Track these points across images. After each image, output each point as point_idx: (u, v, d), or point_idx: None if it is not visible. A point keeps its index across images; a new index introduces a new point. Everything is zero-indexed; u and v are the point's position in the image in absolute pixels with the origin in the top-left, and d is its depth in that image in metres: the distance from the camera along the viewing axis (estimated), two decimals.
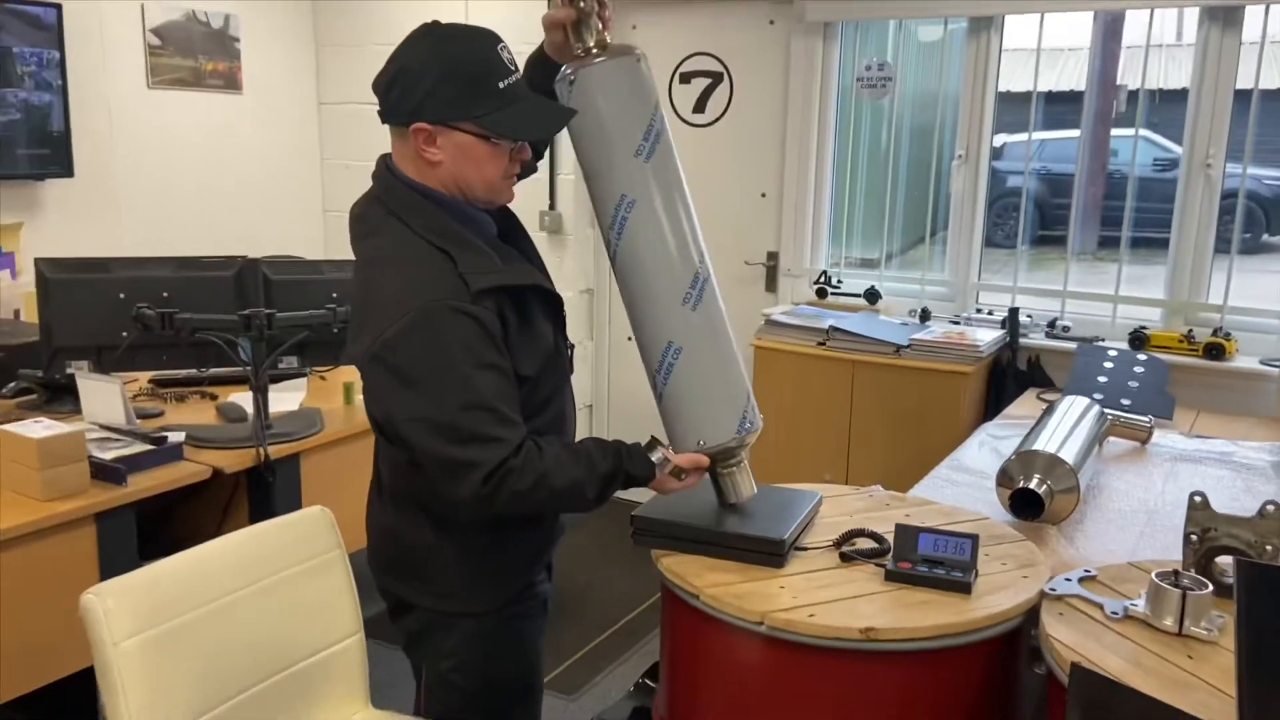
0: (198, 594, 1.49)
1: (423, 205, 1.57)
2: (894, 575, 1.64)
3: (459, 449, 1.45)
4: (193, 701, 1.44)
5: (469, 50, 1.54)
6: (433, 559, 1.64)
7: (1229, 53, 3.23)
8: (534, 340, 1.61)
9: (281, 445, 2.72)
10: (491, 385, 1.48)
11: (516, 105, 1.54)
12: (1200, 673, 1.39)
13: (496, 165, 1.57)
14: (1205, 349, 3.23)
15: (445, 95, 1.51)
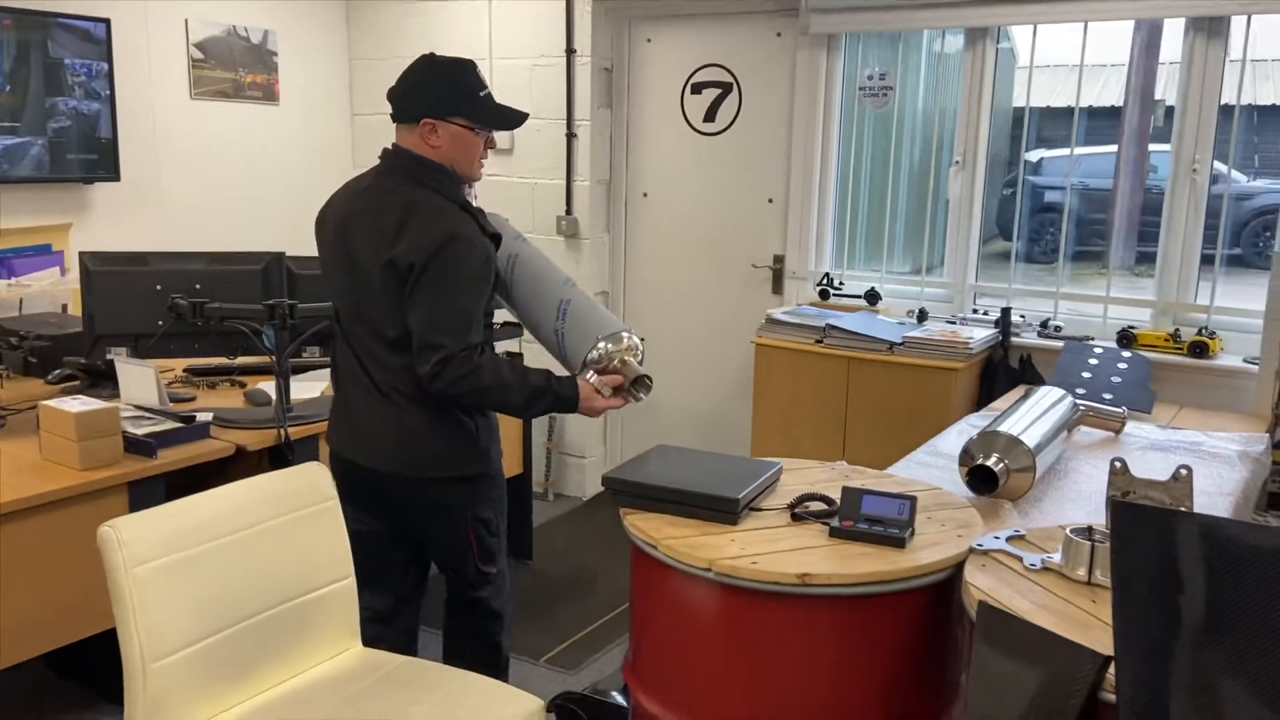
0: (205, 531, 1.69)
1: (448, 174, 2.22)
2: (837, 532, 1.79)
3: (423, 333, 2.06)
4: (197, 626, 1.63)
5: (457, 71, 2.24)
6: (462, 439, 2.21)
7: (1214, 59, 3.33)
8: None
9: (301, 426, 2.92)
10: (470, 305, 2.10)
11: (490, 107, 2.24)
12: (1100, 614, 1.52)
13: (477, 149, 2.24)
14: (1190, 347, 3.33)
15: (444, 99, 2.19)
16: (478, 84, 2.22)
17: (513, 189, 4.63)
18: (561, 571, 3.88)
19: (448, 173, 2.20)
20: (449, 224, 2.10)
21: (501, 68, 4.56)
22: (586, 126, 4.41)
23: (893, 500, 1.80)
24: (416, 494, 2.19)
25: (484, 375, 2.06)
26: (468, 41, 4.62)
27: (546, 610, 3.56)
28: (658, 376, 4.59)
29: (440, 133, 2.18)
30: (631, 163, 4.58)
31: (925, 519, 1.87)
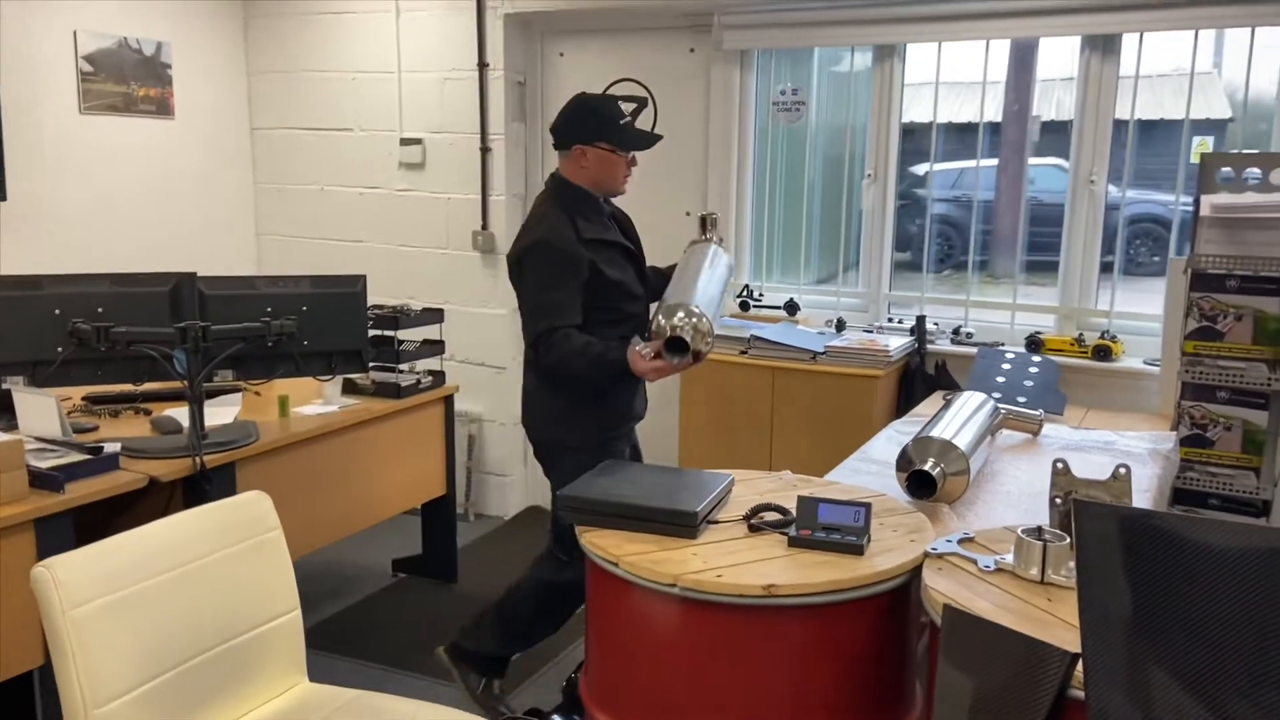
0: (145, 567, 1.59)
1: (574, 190, 2.67)
2: (796, 541, 1.80)
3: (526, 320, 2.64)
4: (139, 668, 1.53)
5: (601, 105, 2.75)
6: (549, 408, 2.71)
7: (1109, 77, 3.51)
8: (617, 270, 2.66)
9: (217, 455, 2.79)
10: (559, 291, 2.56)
11: (629, 133, 2.69)
12: (1057, 612, 1.57)
13: (618, 169, 2.68)
14: (1094, 351, 3.48)
15: (590, 130, 2.64)
16: (618, 114, 2.70)
17: (426, 204, 4.55)
18: (488, 593, 3.79)
19: (574, 189, 2.67)
20: (540, 231, 2.59)
21: (411, 81, 4.48)
22: (501, 141, 4.36)
23: (848, 508, 1.82)
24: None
25: (555, 352, 2.53)
26: (374, 54, 4.52)
27: None
28: None
29: (589, 155, 2.63)
30: (547, 177, 4.54)
31: (878, 525, 1.90)
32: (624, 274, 2.69)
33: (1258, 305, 3.01)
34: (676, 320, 2.41)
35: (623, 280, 2.68)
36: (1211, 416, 3.13)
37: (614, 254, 2.68)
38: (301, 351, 2.96)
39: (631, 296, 2.72)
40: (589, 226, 2.64)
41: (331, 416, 3.23)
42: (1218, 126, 3.94)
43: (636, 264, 2.77)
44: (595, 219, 2.68)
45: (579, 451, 2.62)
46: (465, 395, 4.38)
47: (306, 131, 4.77)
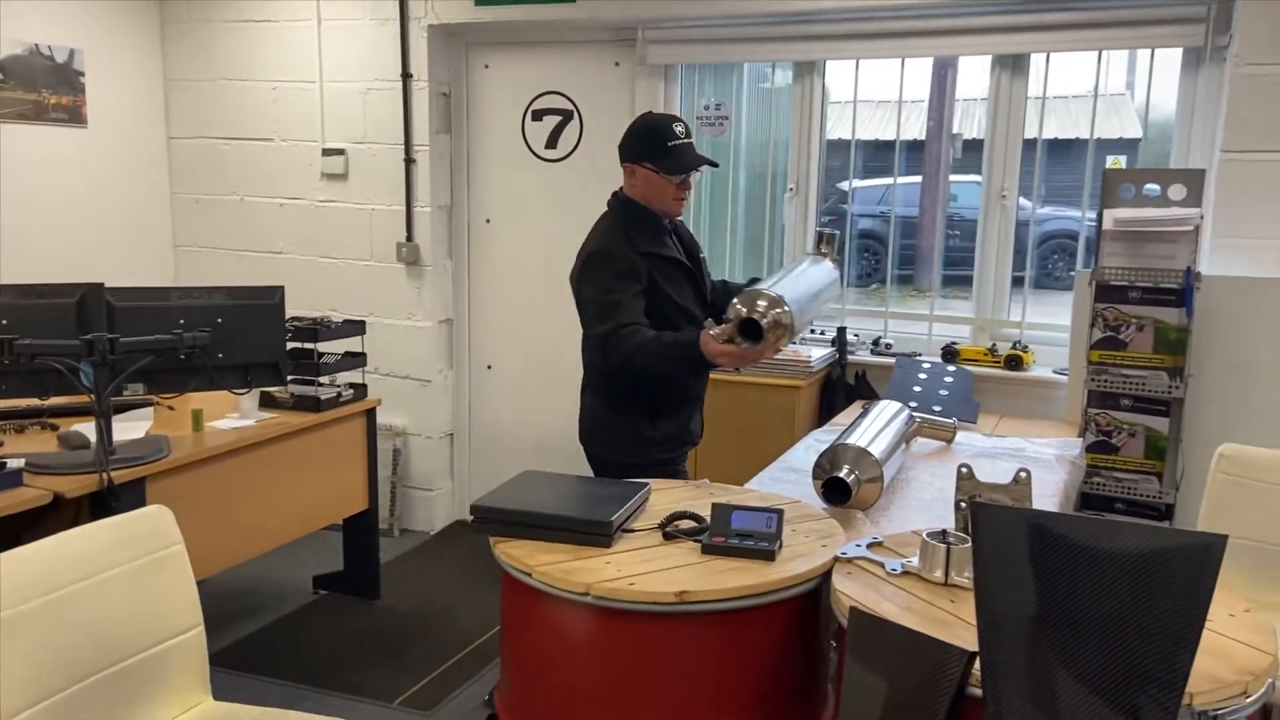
0: (40, 584, 1.54)
1: (623, 202, 2.69)
2: (709, 548, 1.82)
3: (592, 325, 2.58)
4: (35, 685, 1.48)
5: (651, 125, 2.66)
6: (610, 427, 2.71)
7: (1018, 95, 3.63)
8: (674, 287, 2.65)
9: (125, 470, 2.72)
10: (618, 294, 2.54)
11: (678, 155, 2.60)
12: (959, 613, 1.61)
13: (664, 190, 2.63)
14: (1006, 360, 3.59)
15: (639, 148, 2.63)
16: (667, 135, 2.60)
17: (349, 215, 4.50)
18: (412, 609, 3.77)
19: (631, 205, 2.66)
20: (595, 243, 2.64)
21: (333, 91, 4.43)
22: (426, 152, 4.34)
23: (761, 515, 1.84)
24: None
25: (625, 346, 2.49)
26: (295, 64, 4.47)
27: (398, 650, 3.44)
28: (506, 403, 4.55)
29: (636, 175, 2.64)
30: (474, 188, 4.53)
31: (790, 531, 1.92)
32: (681, 292, 2.67)
33: (1158, 315, 3.13)
34: (758, 305, 2.30)
35: (679, 297, 2.66)
36: (1116, 423, 3.24)
37: (672, 270, 2.66)
38: (216, 364, 2.91)
39: (688, 315, 2.69)
40: (645, 240, 2.62)
41: (247, 431, 3.17)
42: (1130, 145, 4.09)
43: (695, 284, 2.74)
44: (652, 234, 2.65)
45: (641, 470, 2.58)
46: (389, 408, 4.33)
47: (225, 141, 4.69)
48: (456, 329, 4.61)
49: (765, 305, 2.31)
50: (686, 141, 2.63)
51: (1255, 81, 3.12)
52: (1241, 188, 3.16)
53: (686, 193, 2.67)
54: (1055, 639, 1.35)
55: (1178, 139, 3.44)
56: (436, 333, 4.51)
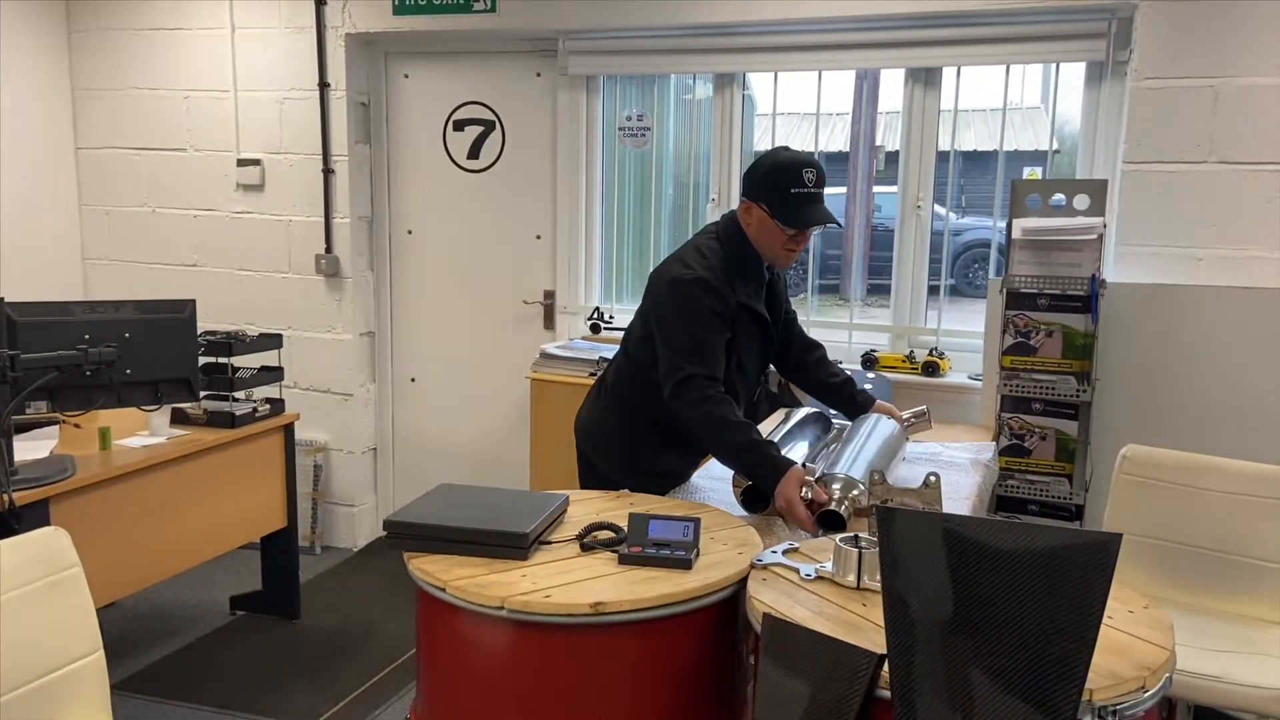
0: None
1: (736, 232, 2.49)
2: (626, 559, 1.82)
3: (671, 356, 2.36)
4: None
5: (783, 166, 2.41)
6: (614, 438, 2.64)
7: (931, 107, 3.72)
8: (744, 341, 2.50)
9: (28, 491, 2.63)
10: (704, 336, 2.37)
11: (798, 206, 2.39)
12: (871, 616, 1.63)
13: (776, 238, 2.44)
14: (923, 367, 3.66)
15: (760, 186, 2.43)
16: (795, 181, 2.39)
17: (266, 226, 4.41)
18: (333, 627, 3.69)
19: (740, 240, 2.48)
20: (703, 269, 2.41)
21: (248, 100, 4.34)
22: (344, 162, 4.27)
23: (677, 523, 1.85)
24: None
25: (703, 408, 2.32)
26: (208, 73, 4.37)
27: (319, 670, 3.36)
28: (430, 416, 4.50)
29: (752, 213, 2.45)
30: (394, 199, 4.48)
31: (709, 539, 1.93)
32: (749, 353, 2.54)
33: (1066, 322, 3.23)
34: (848, 509, 2.14)
35: (746, 358, 2.53)
36: (1028, 427, 3.33)
37: (753, 330, 2.52)
38: (124, 381, 2.82)
39: (743, 373, 2.55)
40: (745, 288, 2.47)
41: (158, 448, 3.08)
42: (1045, 157, 4.21)
43: (766, 343, 2.60)
44: (753, 282, 2.51)
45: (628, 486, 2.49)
46: (309, 423, 4.25)
47: (136, 151, 4.56)
48: (378, 342, 4.55)
49: (854, 495, 2.16)
50: (814, 192, 2.40)
51: (1154, 95, 3.24)
52: (1143, 197, 3.28)
53: (800, 247, 2.47)
54: (964, 638, 1.38)
55: (1083, 150, 3.56)
56: (358, 346, 4.43)
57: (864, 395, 2.81)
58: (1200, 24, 3.16)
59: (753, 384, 2.64)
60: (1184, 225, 3.25)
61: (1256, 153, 3.16)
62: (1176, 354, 3.22)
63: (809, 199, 2.39)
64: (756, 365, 2.61)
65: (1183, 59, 3.19)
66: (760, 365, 2.64)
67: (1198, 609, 2.48)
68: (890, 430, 2.65)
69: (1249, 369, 3.14)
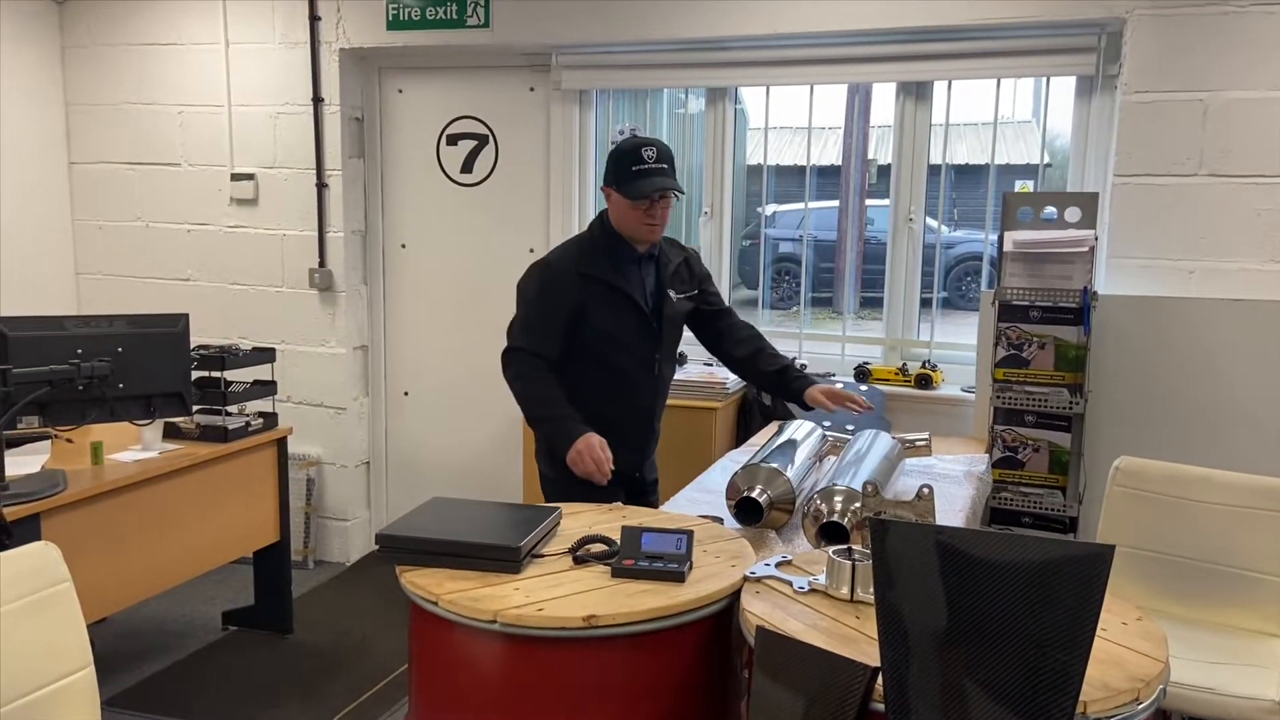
0: None
1: (603, 227, 2.70)
2: (619, 572, 1.82)
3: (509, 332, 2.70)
4: None
5: (624, 148, 2.64)
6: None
7: (922, 121, 3.74)
8: (611, 316, 2.65)
9: (19, 506, 2.61)
10: (535, 313, 2.65)
11: (638, 180, 2.58)
12: (864, 629, 1.63)
13: (630, 215, 2.62)
14: (917, 379, 3.67)
15: (610, 171, 2.64)
16: (636, 161, 2.58)
17: (260, 241, 4.40)
18: (326, 642, 3.67)
19: (605, 227, 2.68)
20: (550, 253, 2.75)
21: (242, 114, 4.35)
22: (338, 176, 4.28)
23: (670, 536, 1.84)
24: None
25: (509, 373, 2.65)
26: (202, 87, 4.37)
27: (312, 685, 3.34)
28: (423, 429, 4.49)
29: (610, 198, 2.65)
30: (388, 213, 4.48)
31: (701, 552, 1.93)
32: (616, 323, 2.66)
33: (1058, 334, 3.24)
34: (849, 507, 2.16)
35: (612, 329, 2.65)
36: (1021, 439, 3.33)
37: (615, 300, 2.64)
38: (116, 395, 2.82)
39: (621, 346, 2.68)
40: (598, 263, 2.64)
41: (150, 463, 3.07)
42: (1036, 171, 4.25)
43: (642, 320, 2.70)
44: (610, 260, 2.65)
45: (555, 484, 2.71)
46: (302, 437, 4.24)
47: (130, 166, 4.56)
48: (372, 355, 4.54)
49: (855, 507, 2.15)
50: (654, 167, 2.59)
51: (1144, 108, 3.26)
52: (1133, 210, 3.30)
53: (657, 220, 2.63)
54: (957, 650, 1.38)
55: (1073, 163, 3.58)
56: (351, 359, 4.43)
57: (800, 380, 2.86)
58: (1189, 38, 3.19)
59: (646, 359, 2.73)
60: (1175, 238, 3.27)
61: (1246, 165, 3.18)
62: (1169, 366, 3.24)
63: (649, 173, 2.58)
64: (640, 340, 2.71)
65: (1172, 73, 3.22)
66: (645, 339, 2.71)
67: (1191, 621, 2.48)
68: (889, 445, 2.65)
69: (1241, 380, 3.15)
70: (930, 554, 1.38)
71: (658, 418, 2.88)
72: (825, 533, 2.18)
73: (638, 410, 2.79)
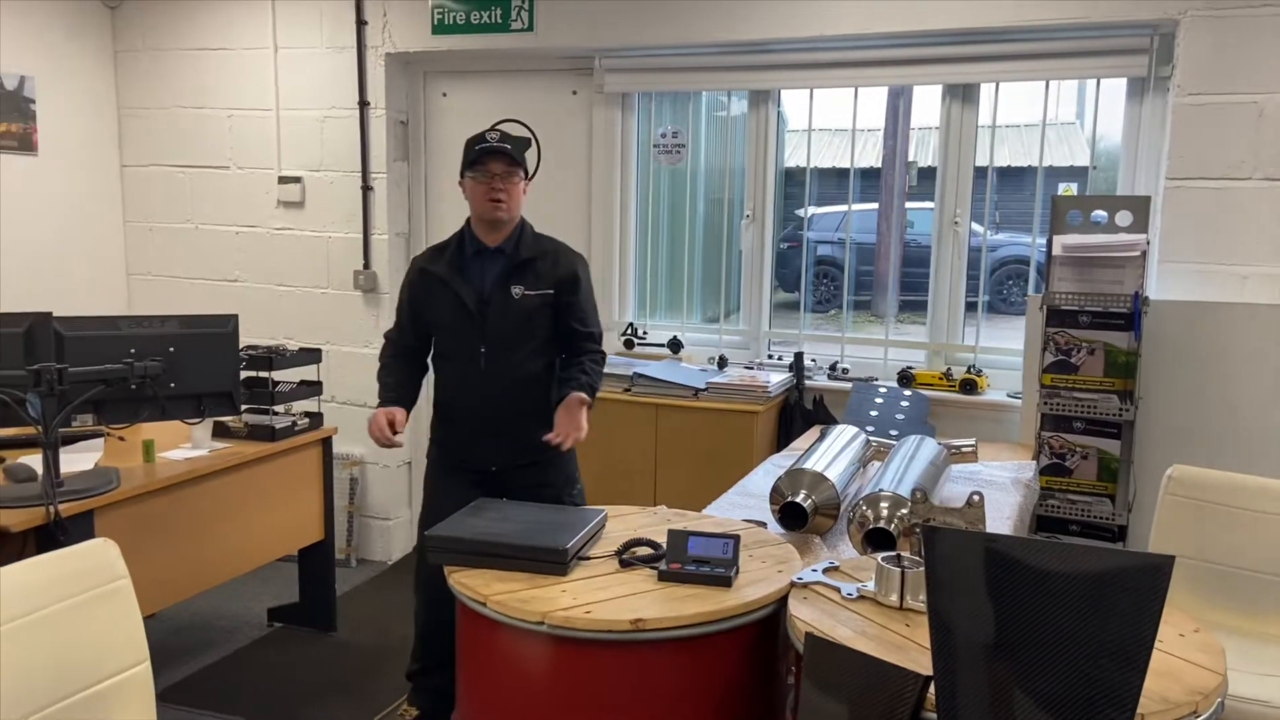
0: None
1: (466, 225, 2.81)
2: (666, 575, 1.82)
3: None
4: None
5: (472, 137, 2.73)
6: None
7: (969, 123, 3.70)
8: (438, 309, 2.77)
9: (73, 503, 2.66)
10: (399, 304, 2.89)
11: (482, 155, 2.67)
12: (914, 637, 1.62)
13: (476, 192, 2.70)
14: (961, 384, 3.63)
15: (461, 162, 2.74)
16: (479, 141, 2.68)
17: (306, 243, 4.46)
18: (368, 640, 3.71)
19: (466, 225, 2.79)
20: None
21: (289, 119, 4.41)
22: (383, 179, 4.32)
23: (717, 540, 1.84)
24: None
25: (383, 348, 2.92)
26: (251, 92, 4.44)
27: (356, 682, 3.38)
28: None
29: (464, 186, 2.73)
30: (431, 216, 4.52)
31: (747, 557, 1.92)
32: (443, 315, 2.77)
33: (1108, 339, 3.19)
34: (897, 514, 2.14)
35: (440, 321, 2.78)
36: (1069, 446, 3.28)
37: (436, 291, 2.77)
38: (168, 394, 2.86)
39: (449, 338, 2.78)
40: (436, 257, 2.81)
41: (200, 461, 3.11)
42: (1081, 173, 4.18)
43: (463, 307, 2.72)
44: (448, 254, 2.79)
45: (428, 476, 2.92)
46: (346, 437, 4.29)
47: (179, 169, 4.64)
48: None
49: (902, 513, 2.13)
50: (495, 145, 2.67)
51: (1197, 111, 3.20)
52: (1186, 214, 3.24)
53: (497, 194, 2.67)
54: (1010, 660, 1.36)
55: (1124, 166, 3.52)
56: None
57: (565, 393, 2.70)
58: (1243, 40, 3.13)
59: (472, 351, 2.73)
60: (1229, 242, 3.20)
61: None
62: (1221, 372, 3.17)
63: (490, 150, 2.67)
64: (465, 333, 2.73)
65: (1226, 74, 3.16)
66: (471, 334, 2.73)
67: (1248, 632, 2.43)
68: (935, 450, 2.63)
69: None
70: (984, 562, 1.37)
71: (503, 413, 2.75)
72: (871, 539, 2.17)
73: (470, 402, 2.77)
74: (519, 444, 2.74)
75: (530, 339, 2.75)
